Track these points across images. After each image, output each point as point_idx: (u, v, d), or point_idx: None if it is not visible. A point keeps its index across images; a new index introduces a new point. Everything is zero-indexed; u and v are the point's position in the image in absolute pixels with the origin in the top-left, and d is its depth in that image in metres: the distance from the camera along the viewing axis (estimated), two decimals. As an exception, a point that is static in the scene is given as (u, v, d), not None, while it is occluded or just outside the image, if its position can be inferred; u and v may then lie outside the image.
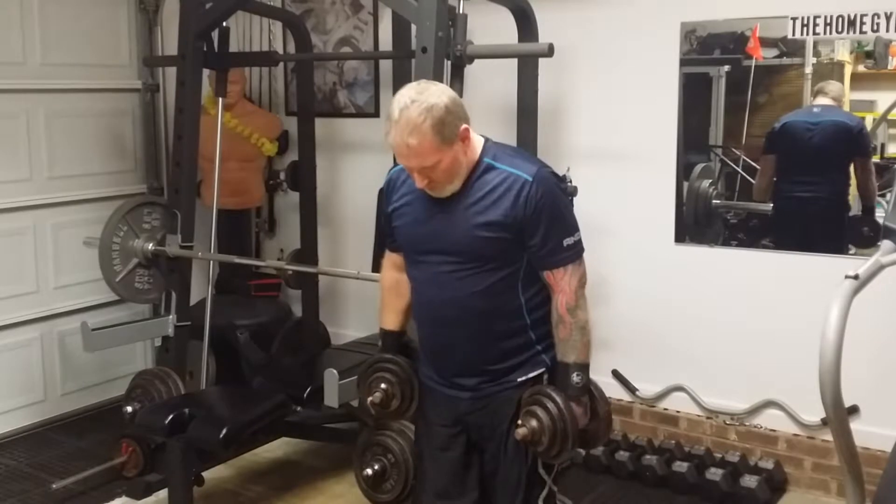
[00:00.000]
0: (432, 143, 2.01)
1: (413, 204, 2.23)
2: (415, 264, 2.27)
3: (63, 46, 4.31)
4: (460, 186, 2.13)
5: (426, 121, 2.00)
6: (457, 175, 2.11)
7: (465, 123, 2.09)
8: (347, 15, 4.48)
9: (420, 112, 2.00)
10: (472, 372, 2.24)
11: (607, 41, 3.76)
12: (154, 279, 3.89)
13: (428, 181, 2.10)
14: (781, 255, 3.54)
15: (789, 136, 3.49)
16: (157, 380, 3.58)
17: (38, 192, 4.26)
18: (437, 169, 2.07)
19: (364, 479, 3.05)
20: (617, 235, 3.77)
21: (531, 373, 2.24)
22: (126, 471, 3.55)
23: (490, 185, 2.12)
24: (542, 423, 2.12)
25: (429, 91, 2.05)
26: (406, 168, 2.14)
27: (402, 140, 2.02)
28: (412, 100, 2.02)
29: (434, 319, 2.24)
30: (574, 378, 2.15)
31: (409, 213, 2.25)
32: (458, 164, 2.10)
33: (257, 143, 4.46)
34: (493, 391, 2.24)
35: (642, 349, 3.85)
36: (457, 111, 2.06)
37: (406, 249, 2.30)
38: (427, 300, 2.25)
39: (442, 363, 2.30)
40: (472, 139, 2.14)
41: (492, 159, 2.15)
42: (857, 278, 1.87)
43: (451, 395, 2.29)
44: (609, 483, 3.66)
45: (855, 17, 3.26)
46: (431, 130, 2.00)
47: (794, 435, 3.59)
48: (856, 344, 2.08)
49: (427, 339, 2.32)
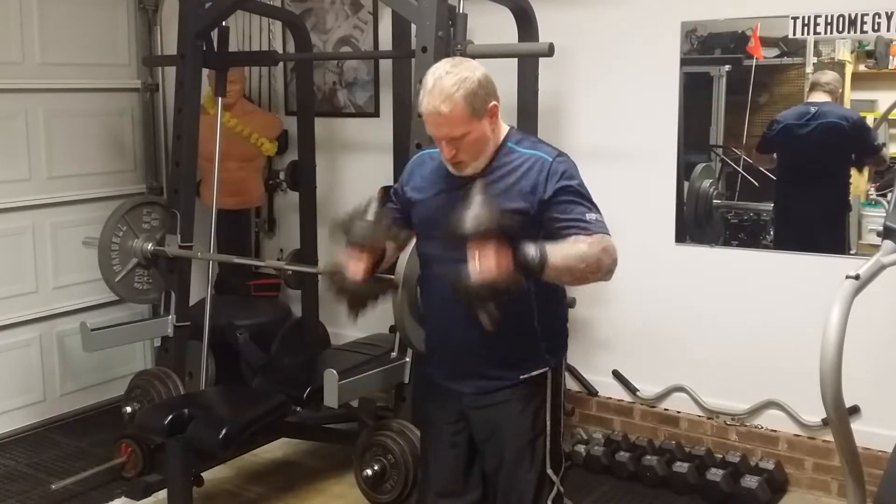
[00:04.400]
0: (463, 112, 2.08)
1: (435, 183, 2.27)
2: (428, 239, 2.30)
3: (62, 46, 4.30)
4: (483, 168, 2.17)
5: (459, 90, 2.07)
6: (482, 152, 2.16)
7: (494, 100, 2.15)
8: (347, 14, 4.48)
9: (454, 82, 2.07)
10: (475, 356, 2.24)
11: (607, 41, 3.75)
12: (153, 279, 3.88)
13: (455, 152, 2.14)
14: (782, 255, 3.53)
15: (785, 138, 3.48)
16: (157, 380, 3.58)
17: (38, 192, 4.25)
18: (464, 141, 2.12)
19: (364, 480, 3.05)
20: (617, 235, 3.70)
21: (533, 371, 2.25)
22: (125, 471, 3.56)
23: (511, 166, 2.17)
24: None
25: (463, 65, 2.14)
26: (435, 137, 2.17)
27: (434, 107, 2.08)
28: (447, 71, 2.10)
29: (442, 296, 2.21)
30: (532, 248, 1.96)
31: (430, 191, 2.28)
32: (484, 139, 2.15)
33: (257, 143, 4.46)
34: (495, 386, 2.25)
35: (643, 349, 3.85)
36: (488, 87, 2.13)
37: (421, 227, 2.33)
38: (437, 276, 2.25)
39: (446, 349, 2.31)
40: (499, 120, 2.20)
41: (515, 144, 2.21)
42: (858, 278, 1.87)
43: (454, 388, 2.31)
44: (610, 483, 3.65)
45: (856, 16, 3.25)
46: (463, 100, 2.07)
47: (794, 435, 3.58)
48: (857, 344, 2.08)
49: (433, 319, 2.35)
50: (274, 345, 4.26)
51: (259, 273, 4.67)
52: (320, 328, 4.46)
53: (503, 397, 2.26)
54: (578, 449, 3.78)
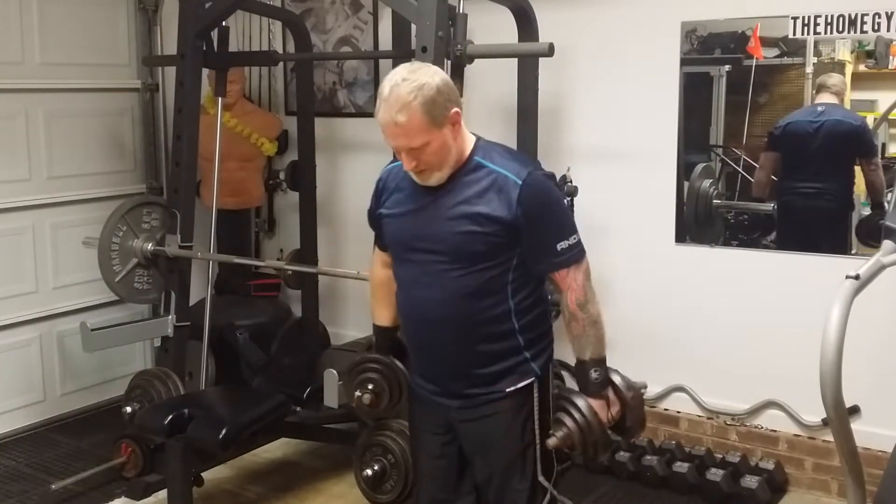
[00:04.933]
0: (421, 122, 1.98)
1: (402, 202, 2.20)
2: (401, 263, 2.24)
3: (62, 46, 4.30)
4: (447, 178, 2.10)
5: (416, 99, 1.96)
6: (446, 162, 2.08)
7: (456, 107, 2.05)
8: (347, 14, 4.48)
9: (411, 90, 1.97)
10: (458, 375, 2.21)
11: (607, 41, 3.75)
12: (153, 279, 3.88)
13: (416, 163, 2.06)
14: (782, 255, 3.53)
15: (792, 137, 3.48)
16: (157, 380, 3.57)
17: (37, 192, 4.25)
18: (425, 151, 2.03)
19: (364, 480, 3.05)
20: (617, 235, 3.76)
21: (519, 383, 2.20)
22: (125, 471, 3.56)
23: (479, 185, 2.09)
24: (570, 431, 2.13)
25: (421, 71, 2.03)
26: (394, 148, 2.09)
27: (390, 117, 1.99)
28: (403, 78, 1.99)
29: (419, 319, 2.21)
30: (592, 375, 2.14)
31: (398, 212, 2.22)
32: (447, 149, 2.06)
33: (257, 143, 4.45)
34: (482, 400, 2.21)
35: (643, 349, 3.84)
36: (448, 93, 2.02)
37: (393, 248, 2.27)
38: (412, 299, 2.22)
39: (428, 365, 2.28)
40: (463, 130, 2.11)
41: (482, 158, 2.12)
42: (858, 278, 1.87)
43: (440, 402, 2.27)
44: (610, 484, 3.65)
45: (856, 16, 3.25)
46: (421, 109, 1.97)
47: (794, 435, 3.58)
48: (857, 344, 2.08)
49: (412, 341, 2.31)
50: (274, 345, 4.26)
51: (259, 273, 4.67)
52: (320, 328, 4.45)
53: (491, 410, 2.20)
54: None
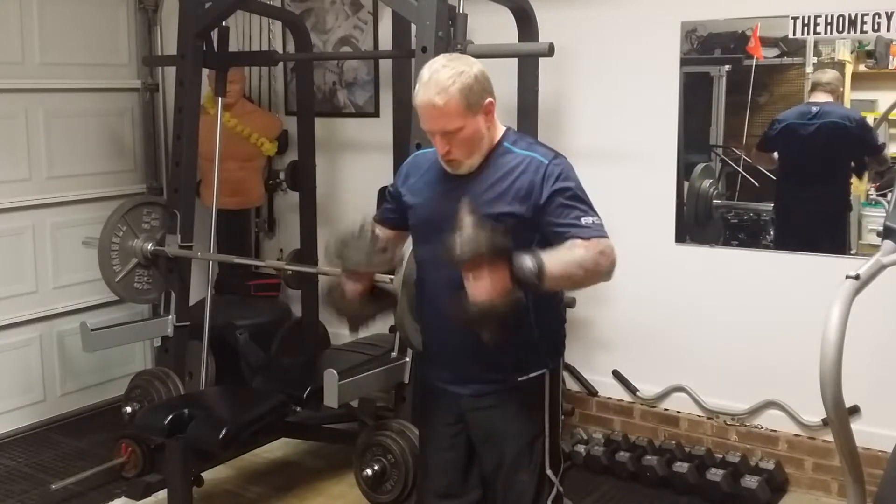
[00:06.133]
0: (458, 106, 2.06)
1: (431, 184, 2.26)
2: (425, 243, 2.26)
3: (62, 46, 4.30)
4: (478, 166, 2.16)
5: (455, 83, 2.06)
6: (477, 149, 2.15)
7: (490, 97, 2.14)
8: (347, 14, 4.48)
9: (450, 75, 2.06)
10: (474, 355, 2.21)
11: (607, 41, 3.75)
12: (153, 279, 3.88)
13: (449, 148, 2.12)
14: (782, 255, 3.53)
15: (787, 138, 3.48)
16: (157, 380, 3.58)
17: (37, 192, 4.25)
18: (458, 136, 2.10)
19: (364, 480, 3.05)
20: (617, 235, 3.70)
21: (531, 373, 2.24)
22: (125, 471, 3.57)
23: (507, 167, 2.15)
24: None
25: (460, 59, 2.15)
26: (428, 131, 2.15)
27: (429, 99, 2.07)
28: (443, 65, 2.10)
29: (439, 298, 2.21)
30: (529, 263, 1.93)
31: (425, 192, 2.27)
32: (479, 136, 2.13)
33: (257, 143, 4.45)
34: (493, 388, 2.24)
35: (643, 349, 3.85)
36: (484, 82, 2.12)
37: (419, 228, 2.31)
38: (434, 279, 2.24)
39: (443, 353, 2.30)
40: (495, 121, 2.18)
41: (511, 144, 2.20)
42: (858, 278, 1.87)
43: (452, 391, 2.30)
44: (610, 483, 3.65)
45: (856, 16, 3.25)
46: (459, 94, 2.06)
47: (794, 435, 3.58)
48: (857, 344, 2.08)
49: (431, 322, 2.33)
50: (274, 345, 4.26)
51: (259, 273, 4.67)
52: (320, 328, 4.46)
53: (501, 399, 2.25)
54: (578, 449, 3.78)
